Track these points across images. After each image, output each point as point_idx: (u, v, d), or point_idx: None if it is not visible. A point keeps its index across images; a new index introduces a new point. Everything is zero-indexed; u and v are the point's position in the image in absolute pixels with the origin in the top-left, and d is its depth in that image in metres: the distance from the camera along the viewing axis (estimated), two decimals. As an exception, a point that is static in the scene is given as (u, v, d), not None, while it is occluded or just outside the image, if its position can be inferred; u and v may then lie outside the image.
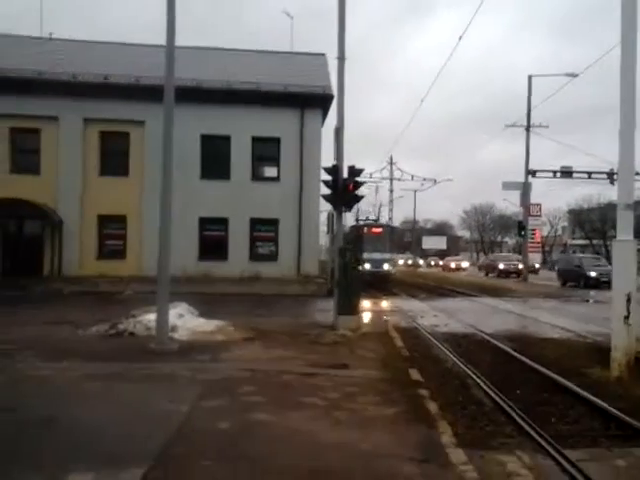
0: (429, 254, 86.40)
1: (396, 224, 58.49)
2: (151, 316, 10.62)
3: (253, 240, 23.95)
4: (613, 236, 11.59)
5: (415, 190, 58.61)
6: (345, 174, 12.93)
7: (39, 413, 5.88)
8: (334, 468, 4.67)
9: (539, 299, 23.93)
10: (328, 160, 14.51)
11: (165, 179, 10.01)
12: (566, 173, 35.11)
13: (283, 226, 23.87)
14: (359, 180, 13.41)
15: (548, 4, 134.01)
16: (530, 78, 33.91)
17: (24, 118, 22.41)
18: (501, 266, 43.73)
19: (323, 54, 26.87)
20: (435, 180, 53.21)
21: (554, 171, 34.96)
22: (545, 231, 70.35)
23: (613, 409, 6.61)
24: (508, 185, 35.49)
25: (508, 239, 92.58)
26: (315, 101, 23.83)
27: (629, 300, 8.42)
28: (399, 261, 57.15)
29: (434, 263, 76.22)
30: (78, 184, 22.77)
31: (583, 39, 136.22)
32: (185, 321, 11.42)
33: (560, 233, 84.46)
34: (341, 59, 13.12)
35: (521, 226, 35.14)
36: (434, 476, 4.61)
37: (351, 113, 59.48)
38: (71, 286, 20.51)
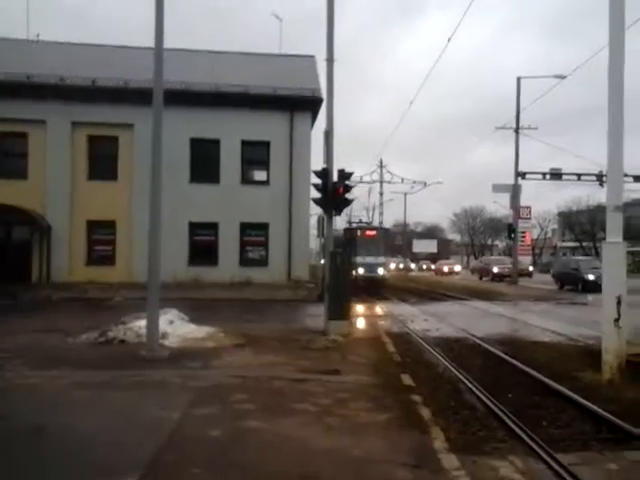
0: (420, 257, 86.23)
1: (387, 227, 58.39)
2: (141, 323, 10.54)
3: (243, 245, 23.83)
4: (603, 238, 11.63)
5: (405, 193, 58.49)
6: (335, 177, 12.93)
7: (29, 421, 5.80)
8: (325, 474, 4.64)
9: (529, 302, 23.98)
10: (318, 163, 14.53)
11: (154, 182, 9.92)
12: (555, 175, 35.28)
13: (273, 230, 23.77)
14: (349, 183, 13.44)
15: (539, 4, 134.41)
16: (519, 80, 34.07)
17: (11, 122, 22.16)
18: (495, 269, 43.57)
19: (312, 56, 26.61)
20: (425, 183, 53.01)
21: (544, 173, 35.15)
22: (535, 234, 70.73)
23: (604, 412, 6.61)
24: (498, 187, 35.65)
25: (498, 242, 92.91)
26: (304, 104, 23.74)
27: (619, 302, 8.40)
28: (391, 265, 57.05)
29: (426, 267, 75.69)
30: (66, 189, 22.56)
31: (575, 39, 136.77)
32: (176, 327, 11.34)
33: (550, 235, 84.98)
34: (330, 61, 13.11)
35: (511, 229, 35.14)
36: (427, 482, 4.57)
37: (341, 115, 59.45)
38: (60, 293, 20.28)
